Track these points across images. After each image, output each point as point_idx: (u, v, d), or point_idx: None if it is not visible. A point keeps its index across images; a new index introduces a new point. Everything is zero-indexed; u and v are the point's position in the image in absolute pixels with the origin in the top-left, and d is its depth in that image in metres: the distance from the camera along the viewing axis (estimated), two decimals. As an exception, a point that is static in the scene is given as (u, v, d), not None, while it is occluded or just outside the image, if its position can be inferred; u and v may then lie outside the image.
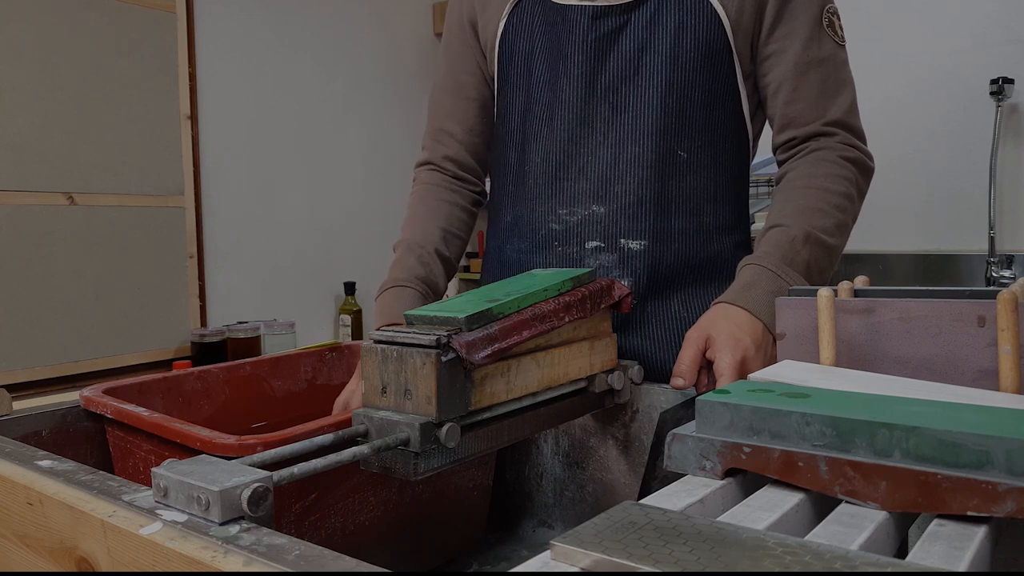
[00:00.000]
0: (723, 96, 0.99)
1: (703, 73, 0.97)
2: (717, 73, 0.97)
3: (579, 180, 1.00)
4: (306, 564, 0.40)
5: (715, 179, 1.00)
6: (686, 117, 0.97)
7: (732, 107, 1.00)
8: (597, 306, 0.76)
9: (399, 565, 0.79)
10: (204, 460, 0.50)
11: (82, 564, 0.50)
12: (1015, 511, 0.40)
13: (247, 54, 2.59)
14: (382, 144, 3.06)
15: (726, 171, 1.01)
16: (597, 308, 0.76)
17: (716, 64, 0.97)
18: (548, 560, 0.39)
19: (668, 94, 0.97)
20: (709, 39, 0.96)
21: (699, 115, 0.98)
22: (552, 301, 0.70)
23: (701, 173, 0.99)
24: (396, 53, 3.11)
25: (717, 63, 0.97)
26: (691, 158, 0.98)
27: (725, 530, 0.40)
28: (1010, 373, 0.57)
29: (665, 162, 0.97)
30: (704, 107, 0.98)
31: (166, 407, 0.82)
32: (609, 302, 0.77)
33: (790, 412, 0.49)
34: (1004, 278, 2.19)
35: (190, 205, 2.40)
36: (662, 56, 0.97)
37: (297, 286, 2.75)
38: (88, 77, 2.17)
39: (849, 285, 0.70)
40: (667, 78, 0.96)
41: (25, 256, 2.05)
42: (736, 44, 0.97)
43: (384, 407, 0.62)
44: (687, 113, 0.97)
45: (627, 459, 0.87)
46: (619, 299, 0.78)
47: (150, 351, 2.30)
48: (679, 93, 0.97)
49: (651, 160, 0.97)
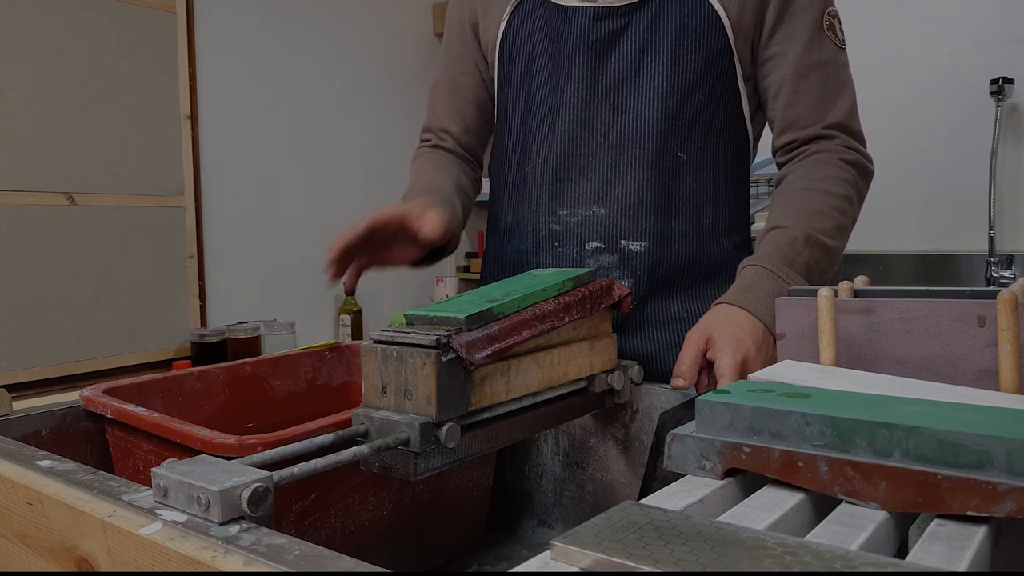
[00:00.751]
0: (723, 98, 0.99)
1: (704, 75, 0.97)
2: (718, 75, 0.97)
3: (579, 181, 1.00)
4: (306, 564, 0.40)
5: (715, 181, 1.00)
6: (686, 119, 0.98)
7: (732, 109, 1.00)
8: (597, 306, 0.76)
9: (399, 565, 0.79)
10: (204, 460, 0.50)
11: (82, 564, 0.50)
12: (1015, 511, 0.40)
13: (247, 54, 2.59)
14: (382, 144, 3.06)
15: (726, 173, 1.01)
16: (597, 308, 0.76)
17: (717, 66, 0.97)
18: (548, 560, 0.39)
19: (669, 96, 0.97)
20: (710, 41, 0.96)
21: (699, 117, 0.98)
22: (552, 301, 0.70)
23: (701, 175, 0.99)
24: (396, 53, 3.11)
25: (718, 65, 0.97)
26: (691, 159, 0.98)
27: (725, 530, 0.40)
28: (1010, 373, 0.57)
29: (665, 163, 0.97)
30: (704, 109, 0.98)
31: (166, 407, 0.82)
32: (609, 302, 0.77)
33: (790, 412, 0.49)
34: (1004, 278, 2.19)
35: (190, 205, 2.40)
36: (663, 58, 0.97)
37: (297, 286, 2.75)
38: (88, 77, 2.17)
39: (849, 285, 0.70)
40: (668, 80, 0.96)
41: (25, 256, 2.05)
42: (737, 46, 0.97)
43: (384, 407, 0.62)
44: (687, 115, 0.97)
45: (627, 459, 0.87)
46: (619, 299, 0.78)
47: (150, 351, 2.30)
48: (680, 95, 0.97)
49: (651, 161, 0.97)
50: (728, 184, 1.02)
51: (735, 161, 1.02)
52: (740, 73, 0.98)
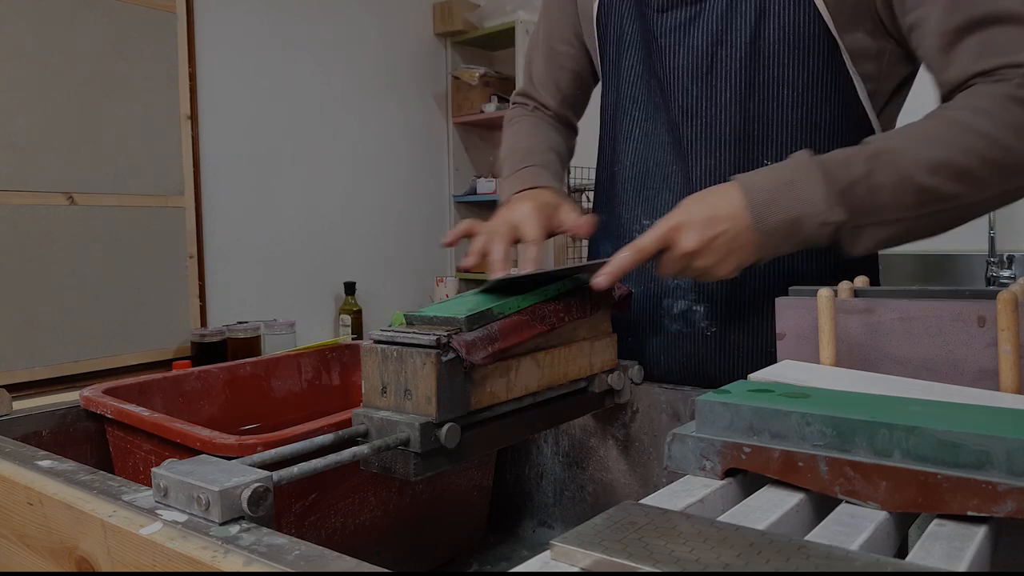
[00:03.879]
0: (825, 90, 0.83)
1: (792, 67, 0.83)
2: (813, 64, 0.82)
3: (663, 191, 0.91)
4: (306, 564, 0.40)
5: None
6: (772, 120, 0.84)
7: (843, 100, 0.83)
8: (597, 306, 0.76)
9: (399, 565, 0.79)
10: (204, 460, 0.50)
11: (82, 564, 0.50)
12: (1015, 511, 0.40)
13: (247, 54, 2.59)
14: (382, 144, 3.06)
15: None
16: (597, 308, 0.76)
17: (810, 54, 0.82)
18: (548, 560, 0.39)
19: (748, 97, 0.84)
20: (798, 25, 0.81)
21: (790, 117, 0.84)
22: (552, 301, 0.70)
23: None
24: (396, 53, 3.11)
25: (811, 52, 0.82)
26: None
27: (725, 530, 0.40)
28: (1010, 373, 0.57)
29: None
30: (797, 107, 0.83)
31: (166, 407, 0.82)
32: (609, 302, 0.77)
33: (790, 412, 0.49)
34: (1004, 278, 2.19)
35: (190, 205, 2.40)
36: (739, 51, 0.84)
37: (297, 286, 2.75)
38: (88, 77, 2.17)
39: (849, 285, 0.70)
40: (746, 77, 0.84)
41: (25, 256, 2.05)
42: (839, 26, 0.80)
43: (384, 407, 0.62)
44: (773, 116, 0.84)
45: (627, 459, 0.87)
46: (619, 299, 0.78)
47: (150, 351, 2.31)
48: (762, 93, 0.84)
49: (727, 173, 0.83)
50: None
51: None
52: (847, 57, 0.81)
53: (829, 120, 0.84)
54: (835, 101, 0.83)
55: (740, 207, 0.69)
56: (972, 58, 0.72)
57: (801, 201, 0.69)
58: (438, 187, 3.31)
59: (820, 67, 0.82)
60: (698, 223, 0.68)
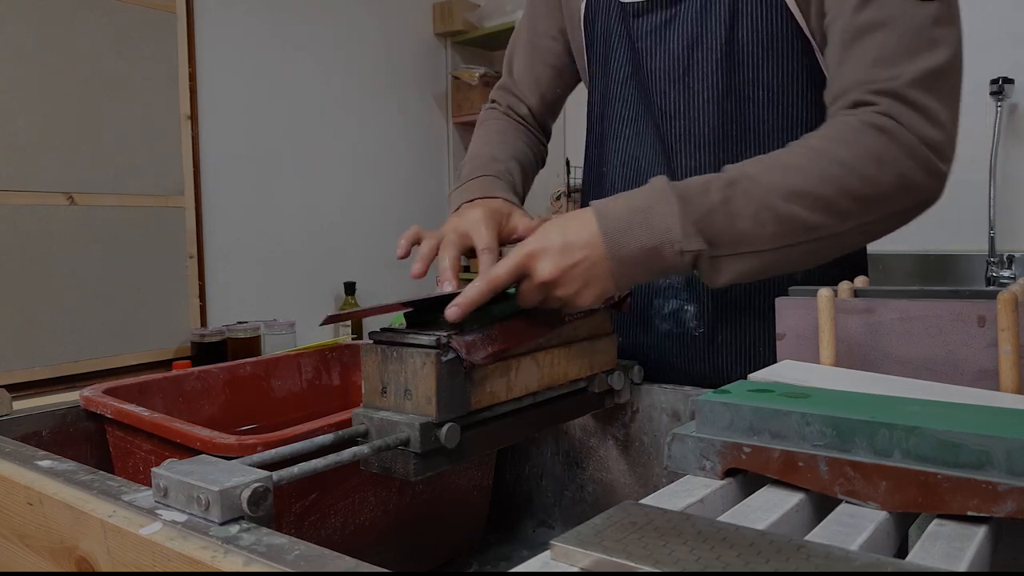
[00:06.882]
0: (800, 90, 0.83)
1: (767, 68, 0.83)
2: (787, 64, 0.82)
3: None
4: (306, 564, 0.40)
5: None
6: (748, 122, 0.84)
7: (816, 100, 0.81)
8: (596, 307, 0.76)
9: (399, 565, 0.79)
10: (204, 460, 0.50)
11: (82, 564, 0.50)
12: (1015, 511, 0.40)
13: (247, 54, 2.59)
14: (382, 144, 3.06)
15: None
16: (597, 308, 0.76)
17: (784, 54, 0.82)
18: (548, 560, 0.39)
19: (725, 97, 0.84)
20: (771, 24, 0.81)
21: (766, 118, 0.84)
22: (552, 301, 0.70)
23: None
24: (396, 53, 3.11)
25: (785, 52, 0.82)
26: None
27: (725, 530, 0.40)
28: (1010, 373, 0.57)
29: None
30: (772, 107, 0.84)
31: (166, 407, 0.82)
32: (609, 302, 0.77)
33: (790, 412, 0.49)
34: (1004, 278, 2.19)
35: (190, 205, 2.40)
36: (715, 53, 0.84)
37: (297, 286, 2.75)
38: (88, 77, 2.17)
39: (849, 285, 0.70)
40: (722, 78, 0.84)
41: (25, 256, 2.05)
42: (809, 22, 0.80)
43: (384, 407, 0.62)
44: (749, 117, 0.84)
45: (627, 459, 0.87)
46: (619, 299, 0.78)
47: (150, 351, 2.30)
48: (738, 95, 0.84)
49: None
50: None
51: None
52: (819, 56, 0.82)
53: (806, 119, 0.83)
54: (811, 100, 0.83)
55: (595, 235, 0.65)
56: (853, 71, 0.72)
57: (657, 229, 0.65)
58: (438, 187, 3.31)
59: (795, 66, 0.82)
60: (554, 250, 0.65)
